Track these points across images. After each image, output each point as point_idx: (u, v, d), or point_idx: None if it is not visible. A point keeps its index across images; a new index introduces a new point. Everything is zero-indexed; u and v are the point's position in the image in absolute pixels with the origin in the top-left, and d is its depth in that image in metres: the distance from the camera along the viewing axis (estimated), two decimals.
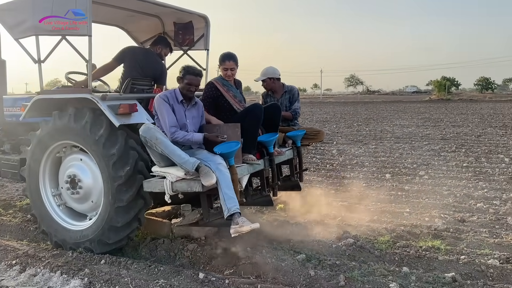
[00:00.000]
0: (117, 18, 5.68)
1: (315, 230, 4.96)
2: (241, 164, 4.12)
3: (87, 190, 4.42)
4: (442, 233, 4.78)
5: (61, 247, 4.50)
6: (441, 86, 69.16)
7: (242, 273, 3.86)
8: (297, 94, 5.66)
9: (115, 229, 4.13)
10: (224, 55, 4.59)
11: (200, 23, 5.80)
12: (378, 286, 3.50)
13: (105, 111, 4.00)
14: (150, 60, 5.24)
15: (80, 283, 3.65)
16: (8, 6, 4.55)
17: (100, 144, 4.05)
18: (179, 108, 4.02)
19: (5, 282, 3.78)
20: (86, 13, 4.06)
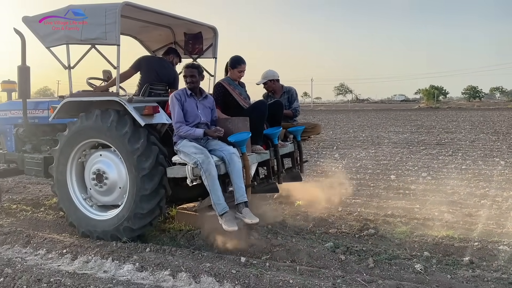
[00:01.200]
0: (132, 28, 6.11)
1: (336, 223, 5.36)
2: (250, 153, 4.71)
3: (112, 183, 4.86)
4: (453, 225, 5.21)
5: (88, 237, 4.90)
6: (429, 95, 70.64)
7: (278, 259, 4.23)
8: (295, 94, 6.25)
9: (140, 216, 4.59)
10: (238, 58, 5.24)
11: (209, 34, 6.23)
12: (405, 267, 3.91)
13: (132, 112, 4.47)
14: (164, 67, 5.68)
15: (133, 267, 4.00)
16: (40, 17, 4.94)
17: (125, 140, 4.52)
18: (190, 101, 4.57)
19: (62, 267, 4.10)
20: (115, 21, 4.48)
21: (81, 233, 5.00)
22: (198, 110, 4.57)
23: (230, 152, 4.27)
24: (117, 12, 4.47)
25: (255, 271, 3.80)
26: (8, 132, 6.26)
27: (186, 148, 4.34)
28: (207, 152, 4.26)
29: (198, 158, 4.18)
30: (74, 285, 3.57)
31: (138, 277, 3.82)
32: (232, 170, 4.23)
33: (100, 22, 4.55)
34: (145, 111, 4.50)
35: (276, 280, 3.59)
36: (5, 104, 6.56)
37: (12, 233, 5.01)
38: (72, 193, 5.11)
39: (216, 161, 4.29)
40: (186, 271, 3.83)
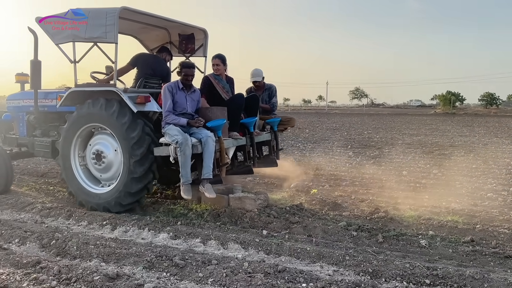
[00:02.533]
0: (132, 29, 6.88)
1: (349, 208, 5.80)
2: (227, 138, 5.51)
3: (109, 162, 5.61)
4: (458, 212, 5.60)
5: (84, 206, 5.70)
6: (446, 100, 70.15)
7: (295, 233, 4.69)
8: (275, 91, 7.00)
9: (129, 194, 5.34)
10: (213, 56, 6.12)
11: (200, 35, 6.99)
12: (411, 242, 4.35)
13: (126, 100, 5.20)
14: (158, 63, 6.39)
15: (167, 236, 4.51)
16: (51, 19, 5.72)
17: (124, 129, 5.25)
18: (180, 94, 5.27)
19: (105, 235, 4.63)
20: (114, 22, 5.23)
21: (78, 202, 5.80)
22: (187, 103, 5.32)
23: (207, 136, 5.01)
24: (116, 15, 5.20)
25: (276, 241, 4.28)
26: (20, 118, 7.04)
27: (171, 130, 5.04)
28: (187, 135, 4.97)
29: (178, 139, 4.88)
30: (118, 247, 4.08)
31: (173, 243, 4.33)
32: (205, 151, 4.99)
33: (101, 23, 5.28)
34: (138, 100, 5.25)
35: (295, 248, 4.06)
36: (19, 94, 7.32)
37: (55, 208, 5.58)
38: (73, 166, 5.85)
39: (194, 142, 5.00)
40: (215, 239, 4.33)
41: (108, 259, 3.80)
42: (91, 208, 5.57)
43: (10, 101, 7.33)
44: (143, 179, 5.32)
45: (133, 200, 5.42)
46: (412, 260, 3.84)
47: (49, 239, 4.24)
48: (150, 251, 3.93)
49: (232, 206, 5.49)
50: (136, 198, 5.44)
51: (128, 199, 5.36)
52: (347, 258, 3.85)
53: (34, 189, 7.05)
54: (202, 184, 5.05)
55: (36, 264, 3.59)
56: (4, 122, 7.40)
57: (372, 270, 3.59)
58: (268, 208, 5.52)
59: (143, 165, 5.24)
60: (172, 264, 3.63)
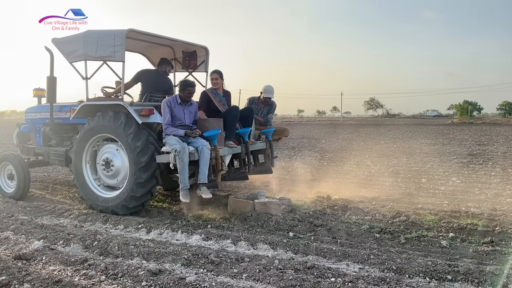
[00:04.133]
0: (139, 47, 7.51)
1: (371, 212, 6.00)
2: (223, 146, 5.97)
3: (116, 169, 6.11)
4: (478, 216, 5.76)
5: (94, 209, 6.15)
6: (463, 110, 69.49)
7: (320, 235, 4.93)
8: (274, 108, 7.58)
9: (135, 198, 5.80)
10: (212, 71, 6.64)
11: (202, 52, 7.53)
12: (432, 243, 4.55)
13: (132, 113, 5.70)
14: (160, 78, 6.96)
15: (199, 237, 4.80)
16: (65, 39, 6.39)
17: (129, 139, 5.72)
18: (179, 108, 5.80)
19: (142, 237, 4.94)
20: (121, 43, 5.73)
21: (88, 206, 6.28)
22: (184, 115, 5.84)
23: (202, 144, 5.52)
24: (123, 36, 5.74)
25: (303, 242, 4.53)
26: (37, 130, 7.64)
27: (170, 140, 5.52)
28: (185, 144, 5.45)
29: (176, 147, 5.36)
30: (156, 247, 4.38)
31: (205, 244, 4.62)
32: (201, 158, 5.49)
33: (110, 44, 5.81)
34: (142, 112, 5.74)
35: (321, 248, 4.31)
36: (36, 107, 7.91)
37: (91, 213, 5.95)
38: (85, 173, 6.35)
39: (191, 150, 5.47)
40: (244, 240, 4.61)
41: (148, 257, 4.09)
42: (100, 211, 6.04)
43: (28, 113, 7.94)
44: (148, 184, 5.80)
45: (138, 204, 5.90)
46: (434, 259, 4.05)
47: (91, 240, 4.56)
48: (186, 250, 4.22)
49: (257, 211, 5.75)
50: (142, 201, 5.91)
51: (134, 203, 5.84)
52: (372, 257, 4.08)
53: (68, 197, 7.44)
54: (198, 188, 5.54)
55: (84, 261, 3.91)
56: (22, 133, 7.99)
57: (396, 267, 3.81)
58: (292, 212, 5.77)
59: (147, 171, 5.70)
60: (208, 261, 3.91)
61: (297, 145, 19.13)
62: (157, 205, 6.71)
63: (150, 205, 6.68)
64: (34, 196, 7.60)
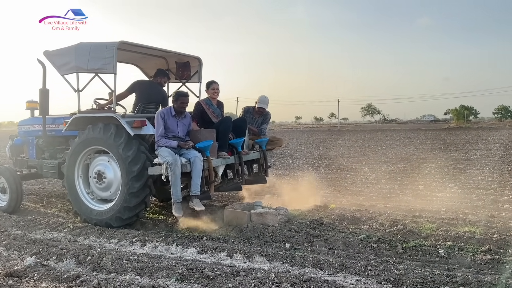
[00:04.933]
0: (133, 58, 7.50)
1: (368, 221, 5.95)
2: (216, 157, 5.92)
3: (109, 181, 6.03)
4: (475, 223, 5.72)
5: (88, 223, 6.06)
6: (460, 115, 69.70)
7: (317, 246, 4.87)
8: (269, 119, 7.50)
9: (129, 208, 5.71)
10: (210, 81, 6.55)
11: (195, 63, 7.48)
12: (430, 252, 4.50)
13: (124, 125, 5.63)
14: (154, 89, 6.93)
15: (195, 251, 4.74)
16: (57, 51, 6.35)
17: (120, 149, 5.67)
18: (172, 120, 5.74)
19: (136, 251, 4.88)
20: (113, 55, 5.68)
21: (83, 220, 6.19)
22: (178, 128, 5.80)
23: (195, 156, 5.47)
24: (115, 48, 5.69)
25: (299, 253, 4.47)
26: (30, 142, 7.57)
27: (162, 152, 5.47)
28: (177, 156, 5.38)
29: (168, 160, 5.30)
30: (150, 261, 4.32)
31: (200, 257, 4.55)
32: (193, 170, 5.43)
33: (101, 56, 5.79)
34: (134, 124, 5.68)
35: (318, 259, 4.25)
36: (29, 119, 7.85)
37: (85, 227, 5.87)
38: (78, 187, 6.29)
39: (184, 162, 5.41)
40: (240, 253, 4.54)
41: (142, 272, 4.02)
42: (94, 224, 5.96)
43: (21, 126, 7.89)
44: (141, 193, 5.71)
45: (132, 214, 5.82)
46: (431, 269, 4.00)
47: (84, 255, 4.49)
48: (180, 265, 4.15)
49: (254, 222, 5.70)
50: (136, 211, 5.83)
51: (128, 213, 5.76)
52: (369, 268, 4.02)
53: (63, 210, 7.37)
54: (191, 200, 5.48)
55: (76, 278, 3.84)
56: (15, 146, 7.91)
57: (394, 278, 3.75)
58: (289, 223, 5.72)
59: (140, 180, 5.63)
60: (203, 275, 3.84)
61: (294, 152, 19.10)
62: (152, 217, 6.64)
63: (145, 217, 6.62)
64: (29, 209, 7.52)
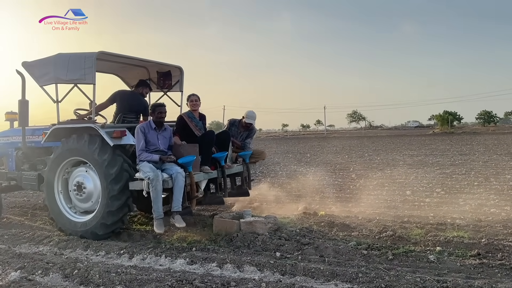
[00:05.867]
0: (114, 68, 7.45)
1: (357, 228, 5.95)
2: (198, 172, 5.80)
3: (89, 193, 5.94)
4: (464, 227, 5.77)
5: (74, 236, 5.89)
6: (444, 120, 70.71)
7: (308, 254, 4.84)
8: (254, 133, 7.35)
9: (112, 213, 5.59)
10: (189, 94, 6.51)
11: (176, 72, 7.46)
12: (420, 258, 4.52)
13: (104, 135, 5.58)
14: (135, 99, 6.89)
15: (184, 261, 4.67)
16: (36, 62, 6.30)
17: (95, 155, 5.65)
18: (153, 134, 5.65)
19: (124, 263, 4.79)
20: (91, 65, 5.65)
21: (68, 234, 6.03)
22: (158, 141, 5.69)
23: (177, 172, 5.37)
24: (94, 59, 5.67)
25: (290, 262, 4.44)
26: (10, 154, 7.41)
27: (144, 167, 5.37)
28: (158, 172, 5.29)
29: (149, 175, 5.22)
30: (139, 273, 4.24)
31: (190, 268, 4.49)
32: (175, 186, 5.34)
33: (80, 66, 5.75)
34: (114, 134, 5.62)
35: (309, 268, 4.23)
36: (8, 131, 7.73)
37: (71, 240, 5.75)
38: (59, 203, 6.19)
39: (166, 177, 5.32)
40: (230, 263, 4.49)
41: (130, 285, 3.95)
42: (80, 237, 5.84)
43: (0, 138, 7.70)
44: (122, 196, 5.60)
45: (116, 219, 5.71)
46: (422, 275, 4.01)
47: (71, 269, 4.39)
48: (170, 276, 4.09)
49: (243, 231, 5.65)
50: (119, 215, 5.72)
51: (112, 218, 5.65)
52: (360, 275, 4.01)
53: (48, 222, 7.17)
54: (172, 216, 5.39)
55: None
56: None
57: (385, 285, 3.75)
58: (279, 231, 5.68)
59: (119, 182, 5.53)
60: (193, 287, 3.79)
61: (282, 160, 19.12)
62: (139, 228, 6.54)
63: (133, 229, 6.52)
64: (13, 223, 7.33)
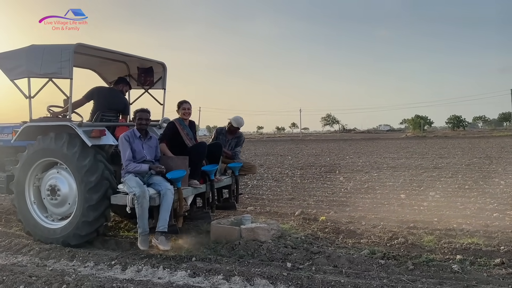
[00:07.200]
0: (91, 63, 6.93)
1: (364, 234, 5.63)
2: (187, 187, 5.30)
3: (64, 196, 5.44)
4: (474, 234, 5.52)
5: (42, 242, 5.45)
6: (416, 124, 72.28)
7: (319, 264, 4.46)
8: (242, 141, 6.96)
9: (87, 223, 5.14)
10: (181, 101, 5.92)
11: (159, 68, 6.97)
12: (443, 268, 4.20)
13: (81, 134, 5.12)
14: (114, 96, 6.41)
15: (185, 274, 4.20)
16: (6, 54, 5.74)
17: (74, 159, 5.15)
18: (138, 143, 5.17)
19: (117, 276, 4.27)
20: (69, 58, 5.17)
21: (36, 239, 5.57)
22: (144, 150, 5.21)
23: (166, 188, 4.88)
24: (71, 51, 5.19)
25: (305, 274, 4.04)
26: None
27: (130, 181, 4.90)
28: (145, 187, 4.83)
29: (135, 191, 4.74)
30: None
31: (193, 281, 4.03)
32: (163, 203, 4.83)
33: (56, 59, 5.25)
34: (93, 134, 5.20)
35: (328, 280, 3.84)
36: None
37: (54, 249, 5.17)
38: (29, 205, 5.68)
39: (153, 193, 4.84)
40: (238, 275, 4.06)
41: None
42: (50, 243, 5.37)
43: None
44: (100, 206, 5.12)
45: (91, 230, 5.24)
46: (450, 287, 3.70)
47: (58, 283, 3.86)
48: None
49: (245, 238, 5.22)
50: (95, 226, 5.24)
51: (87, 229, 5.18)
52: None
53: None
54: (155, 237, 4.84)
55: None
56: None
57: None
58: (283, 238, 5.30)
59: (98, 192, 5.07)
60: None
61: (264, 162, 18.74)
62: (128, 235, 6.00)
63: (120, 236, 5.99)
64: None
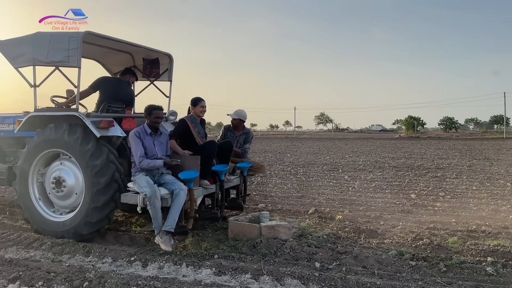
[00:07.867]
0: (95, 53, 6.71)
1: (386, 235, 5.50)
2: (198, 187, 5.18)
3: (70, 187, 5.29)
4: (497, 235, 5.42)
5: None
6: (409, 125, 72.61)
7: (347, 265, 4.31)
8: (251, 138, 6.81)
9: (90, 223, 5.02)
10: (198, 97, 5.78)
11: (165, 60, 6.84)
12: (477, 270, 4.09)
13: (89, 125, 4.99)
14: (121, 87, 6.26)
15: (210, 272, 4.04)
16: (11, 41, 5.55)
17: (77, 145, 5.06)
18: (148, 139, 5.03)
19: (140, 273, 4.09)
20: (77, 46, 5.02)
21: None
22: (155, 147, 5.07)
23: (180, 188, 4.75)
24: (80, 39, 5.04)
25: (337, 275, 3.90)
26: None
27: (140, 180, 4.78)
28: (155, 187, 4.70)
29: (146, 191, 4.62)
30: (163, 286, 3.59)
31: (221, 280, 3.86)
32: (175, 203, 4.68)
33: (64, 47, 5.08)
34: (101, 125, 5.05)
35: (363, 282, 3.70)
36: None
37: (67, 243, 4.96)
38: (34, 202, 5.51)
39: (165, 194, 4.73)
40: (268, 275, 3.90)
41: None
42: (61, 237, 5.17)
43: None
44: (108, 189, 5.00)
45: (102, 216, 5.08)
46: None
47: (80, 280, 3.68)
48: None
49: (265, 236, 5.07)
50: (105, 212, 5.09)
51: (97, 215, 5.04)
52: None
53: None
54: (160, 235, 4.64)
55: None
56: None
57: None
58: (304, 237, 5.16)
59: (106, 175, 4.97)
60: None
61: (264, 159, 18.59)
62: (141, 231, 5.81)
63: (134, 231, 5.81)
64: None
